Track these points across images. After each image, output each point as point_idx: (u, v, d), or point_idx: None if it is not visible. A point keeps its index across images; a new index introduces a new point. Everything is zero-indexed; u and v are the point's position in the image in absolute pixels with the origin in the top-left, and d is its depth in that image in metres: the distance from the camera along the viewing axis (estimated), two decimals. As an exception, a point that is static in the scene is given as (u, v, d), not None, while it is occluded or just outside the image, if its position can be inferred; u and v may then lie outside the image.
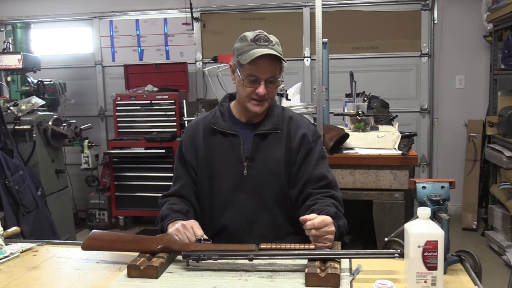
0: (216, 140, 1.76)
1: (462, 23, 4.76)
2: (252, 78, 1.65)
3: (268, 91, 1.67)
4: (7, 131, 3.11)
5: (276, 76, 1.68)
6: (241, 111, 1.78)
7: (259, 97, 1.67)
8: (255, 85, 1.66)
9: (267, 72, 1.65)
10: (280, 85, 1.75)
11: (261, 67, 1.63)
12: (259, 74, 1.64)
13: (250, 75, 1.65)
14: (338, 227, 1.55)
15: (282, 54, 1.67)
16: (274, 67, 1.66)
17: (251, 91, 1.67)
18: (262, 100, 1.68)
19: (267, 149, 1.73)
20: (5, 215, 2.84)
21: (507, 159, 3.81)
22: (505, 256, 3.66)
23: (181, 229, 1.53)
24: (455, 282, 1.30)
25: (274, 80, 1.67)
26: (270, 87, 1.67)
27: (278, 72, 1.68)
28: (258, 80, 1.65)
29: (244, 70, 1.66)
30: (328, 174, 1.76)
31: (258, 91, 1.65)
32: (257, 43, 1.64)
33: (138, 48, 5.34)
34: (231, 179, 1.72)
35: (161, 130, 4.57)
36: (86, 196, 4.99)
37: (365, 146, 2.89)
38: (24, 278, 1.42)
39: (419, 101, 4.90)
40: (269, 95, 1.69)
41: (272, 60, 1.64)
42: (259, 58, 1.61)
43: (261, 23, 4.93)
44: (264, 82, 1.65)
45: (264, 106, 1.70)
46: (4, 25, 5.05)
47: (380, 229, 2.69)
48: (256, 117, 1.76)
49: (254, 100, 1.68)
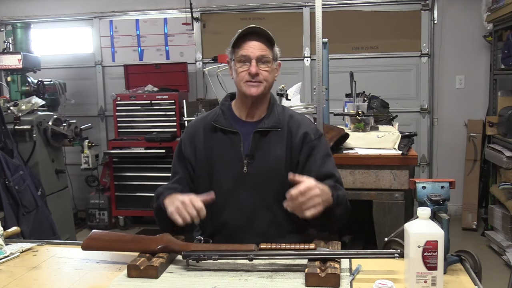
0: (217, 138, 1.76)
1: (462, 23, 4.76)
2: (243, 59, 1.69)
3: (261, 72, 1.69)
4: (7, 131, 3.11)
5: (267, 56, 1.70)
6: (241, 108, 1.79)
7: (252, 77, 1.69)
8: (247, 65, 1.69)
9: (256, 50, 1.68)
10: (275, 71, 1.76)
11: (250, 46, 1.68)
12: (249, 53, 1.68)
13: (241, 55, 1.69)
14: (337, 196, 1.59)
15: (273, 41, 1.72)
16: (263, 46, 1.69)
17: (244, 72, 1.70)
18: (257, 81, 1.70)
19: (267, 147, 1.74)
20: (5, 215, 2.84)
21: (507, 159, 3.81)
22: (505, 256, 3.67)
23: (181, 207, 1.51)
24: (455, 282, 1.30)
25: (266, 60, 1.70)
26: (263, 68, 1.70)
27: (269, 53, 1.71)
28: (248, 59, 1.69)
29: (235, 54, 1.72)
30: (335, 172, 1.77)
31: (250, 70, 1.68)
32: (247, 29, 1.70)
33: (138, 48, 5.34)
34: (231, 176, 1.73)
35: (161, 130, 4.57)
36: (86, 196, 4.99)
37: (365, 146, 2.89)
38: (24, 278, 1.42)
39: (419, 101, 4.90)
40: (264, 76, 1.70)
41: (261, 39, 1.69)
42: (247, 38, 1.68)
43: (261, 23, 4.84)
44: (256, 61, 1.68)
45: (260, 88, 1.71)
46: (4, 25, 5.05)
47: (380, 229, 2.68)
48: (255, 112, 1.77)
49: (248, 82, 1.70)
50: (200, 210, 1.51)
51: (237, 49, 1.71)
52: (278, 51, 1.76)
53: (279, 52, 1.77)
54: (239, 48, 1.70)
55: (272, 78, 1.74)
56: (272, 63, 1.72)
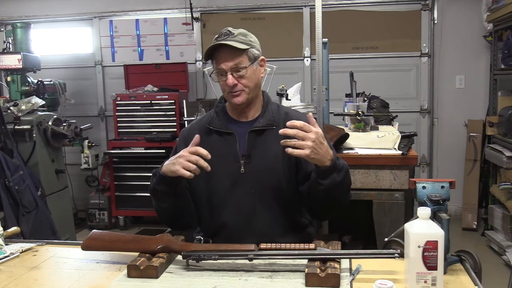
0: (212, 139, 1.76)
1: (462, 23, 4.76)
2: (220, 72, 1.69)
3: (239, 81, 1.67)
4: (7, 131, 3.11)
5: (241, 63, 1.67)
6: (233, 109, 1.79)
7: (231, 89, 1.68)
8: (224, 78, 1.68)
9: (228, 62, 1.66)
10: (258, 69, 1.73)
11: (222, 59, 1.67)
12: (222, 66, 1.67)
13: (217, 69, 1.69)
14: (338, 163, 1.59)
15: (246, 42, 1.67)
16: (234, 56, 1.66)
17: (224, 84, 1.69)
18: (237, 90, 1.69)
19: (263, 146, 1.73)
20: (5, 215, 2.84)
21: (507, 159, 3.81)
22: (505, 256, 3.67)
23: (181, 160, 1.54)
24: (455, 282, 1.30)
25: (241, 67, 1.67)
26: (240, 76, 1.67)
27: (244, 60, 1.67)
28: (224, 71, 1.67)
29: (214, 67, 1.71)
30: None
31: (227, 82, 1.67)
32: (218, 39, 1.67)
33: (138, 48, 5.34)
34: (228, 177, 1.72)
35: (161, 130, 4.57)
36: (86, 196, 4.99)
37: (365, 146, 2.89)
38: (24, 278, 1.42)
39: (419, 101, 4.90)
40: (243, 83, 1.68)
41: (231, 49, 1.65)
42: (217, 51, 1.66)
43: (261, 23, 4.93)
44: (231, 72, 1.67)
45: (243, 97, 1.70)
46: (4, 25, 5.05)
47: (380, 229, 2.68)
48: (248, 113, 1.77)
49: (230, 93, 1.70)
50: (204, 155, 1.52)
51: (214, 63, 1.70)
52: (256, 50, 1.71)
53: (257, 50, 1.71)
54: (215, 61, 1.69)
55: (255, 81, 1.71)
56: (248, 68, 1.68)
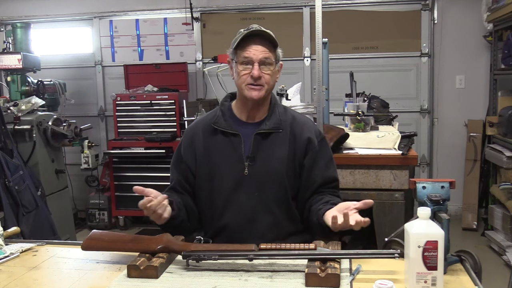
0: (217, 139, 1.75)
1: (462, 23, 4.76)
2: (245, 60, 1.67)
3: (263, 75, 1.67)
4: (7, 131, 3.11)
5: (270, 58, 1.68)
6: (242, 110, 1.77)
7: (254, 80, 1.67)
8: (249, 68, 1.67)
9: (259, 53, 1.66)
10: (277, 72, 1.75)
11: (253, 48, 1.66)
12: (251, 55, 1.66)
13: (244, 57, 1.67)
14: None
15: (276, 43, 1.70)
16: (266, 48, 1.67)
17: (246, 75, 1.68)
18: (259, 84, 1.68)
19: (268, 149, 1.73)
20: (5, 215, 2.84)
21: (507, 159, 3.81)
22: (505, 256, 3.66)
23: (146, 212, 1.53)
24: (455, 282, 1.30)
25: (268, 63, 1.68)
26: (265, 70, 1.68)
27: (272, 56, 1.69)
28: (251, 61, 1.67)
29: (238, 56, 1.69)
30: (337, 175, 1.83)
31: (253, 73, 1.66)
32: (249, 29, 1.68)
33: (138, 48, 5.34)
34: (231, 178, 1.72)
35: (161, 130, 4.57)
36: (86, 196, 4.99)
37: (365, 146, 2.89)
38: (24, 278, 1.42)
39: (419, 101, 4.90)
40: (266, 79, 1.68)
41: (264, 41, 1.67)
42: (250, 40, 1.65)
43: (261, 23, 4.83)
44: (258, 64, 1.66)
45: (261, 92, 1.69)
46: (4, 25, 5.04)
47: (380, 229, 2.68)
48: (257, 114, 1.76)
49: (250, 85, 1.68)
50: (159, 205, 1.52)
51: (239, 51, 1.68)
52: (280, 53, 1.74)
53: (281, 54, 1.74)
54: (242, 50, 1.67)
55: (273, 81, 1.73)
56: (274, 66, 1.70)
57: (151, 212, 1.51)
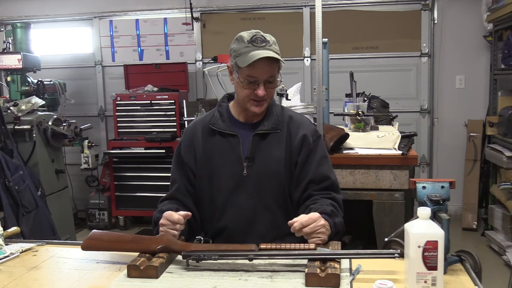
0: (215, 140, 1.75)
1: (462, 23, 4.76)
2: (251, 80, 1.65)
3: (267, 92, 1.67)
4: (7, 131, 3.11)
5: (275, 76, 1.67)
6: (239, 111, 1.78)
7: (258, 98, 1.67)
8: (254, 86, 1.65)
9: (265, 73, 1.64)
10: (278, 84, 1.74)
11: (260, 69, 1.63)
12: (258, 76, 1.64)
13: (249, 76, 1.64)
14: (334, 224, 1.57)
15: (279, 54, 1.67)
16: (272, 67, 1.65)
17: (250, 93, 1.67)
18: (262, 100, 1.68)
19: (267, 149, 1.73)
20: (5, 215, 2.84)
21: (507, 159, 3.81)
22: (505, 256, 3.66)
23: (163, 230, 1.54)
24: (455, 282, 1.30)
25: (273, 80, 1.68)
26: (269, 88, 1.68)
27: (276, 72, 1.68)
28: (257, 81, 1.65)
29: (242, 72, 1.65)
30: (331, 174, 1.76)
31: (258, 93, 1.65)
32: (254, 44, 1.63)
33: (138, 48, 5.34)
34: (230, 179, 1.72)
35: (161, 130, 4.57)
36: (86, 196, 4.99)
37: (365, 146, 2.89)
38: (24, 278, 1.42)
39: (419, 101, 4.90)
40: (268, 95, 1.69)
41: (270, 61, 1.63)
42: (257, 60, 1.60)
43: (261, 23, 4.93)
44: (263, 84, 1.65)
45: (264, 106, 1.71)
46: (4, 25, 5.04)
47: (380, 229, 2.69)
48: (255, 117, 1.76)
49: (253, 101, 1.68)
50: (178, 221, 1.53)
51: (244, 67, 1.63)
52: (283, 63, 1.70)
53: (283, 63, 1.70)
54: (248, 67, 1.62)
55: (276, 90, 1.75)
56: (277, 79, 1.69)
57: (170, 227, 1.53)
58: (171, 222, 1.53)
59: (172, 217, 1.53)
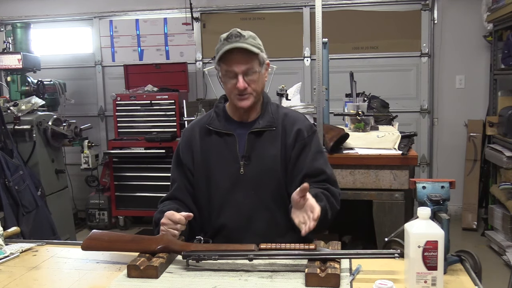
0: (212, 140, 1.77)
1: (462, 23, 4.76)
2: (229, 75, 1.67)
3: (249, 84, 1.67)
4: (7, 131, 3.10)
5: (253, 67, 1.67)
6: (234, 110, 1.79)
7: (240, 92, 1.67)
8: (234, 80, 1.67)
9: (241, 65, 1.66)
10: (264, 73, 1.74)
11: (234, 61, 1.65)
12: (234, 68, 1.66)
13: (227, 71, 1.67)
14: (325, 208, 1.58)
15: (257, 46, 1.68)
16: (248, 59, 1.66)
17: (232, 86, 1.68)
18: (246, 94, 1.69)
19: (262, 147, 1.74)
20: (5, 215, 2.84)
21: (507, 159, 3.81)
22: (505, 256, 3.66)
23: (164, 229, 1.54)
24: (455, 282, 1.30)
25: (252, 72, 1.68)
26: (250, 80, 1.68)
27: (256, 64, 1.68)
28: (235, 74, 1.66)
29: (222, 69, 1.69)
30: (326, 168, 1.76)
31: (238, 86, 1.66)
32: (228, 40, 1.66)
33: (138, 48, 5.34)
34: (228, 178, 1.73)
35: (161, 130, 4.57)
36: (86, 196, 4.99)
37: (365, 146, 2.89)
38: (24, 278, 1.42)
39: (419, 101, 4.90)
40: (252, 87, 1.69)
41: (245, 52, 1.65)
42: (230, 53, 1.63)
43: (261, 23, 4.93)
44: (242, 76, 1.66)
45: (250, 100, 1.70)
46: (4, 25, 5.04)
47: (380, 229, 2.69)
48: (249, 115, 1.77)
49: (237, 95, 1.69)
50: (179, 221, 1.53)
51: (222, 64, 1.67)
52: (264, 54, 1.71)
53: (265, 54, 1.72)
54: (224, 63, 1.67)
55: (262, 84, 1.73)
56: (259, 71, 1.70)
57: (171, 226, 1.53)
58: (172, 221, 1.53)
59: (173, 217, 1.53)
